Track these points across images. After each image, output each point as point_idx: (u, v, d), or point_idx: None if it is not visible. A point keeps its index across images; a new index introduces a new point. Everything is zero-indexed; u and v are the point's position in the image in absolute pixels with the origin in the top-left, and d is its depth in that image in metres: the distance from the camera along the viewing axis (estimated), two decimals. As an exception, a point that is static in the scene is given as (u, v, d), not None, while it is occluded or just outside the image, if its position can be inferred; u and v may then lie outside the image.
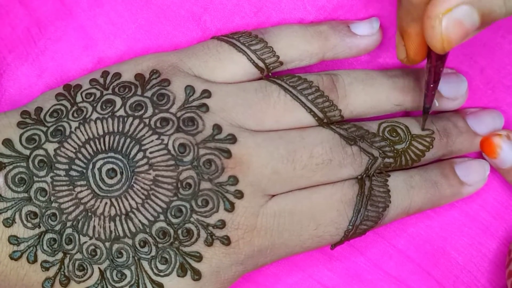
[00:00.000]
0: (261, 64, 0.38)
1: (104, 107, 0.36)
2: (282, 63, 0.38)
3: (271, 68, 0.38)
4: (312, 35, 0.38)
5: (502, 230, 0.40)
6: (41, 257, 0.34)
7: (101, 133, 0.35)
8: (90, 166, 0.35)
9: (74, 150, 0.35)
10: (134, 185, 0.35)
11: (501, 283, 0.40)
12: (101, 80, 0.37)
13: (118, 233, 0.34)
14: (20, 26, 0.40)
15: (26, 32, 0.40)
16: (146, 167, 0.35)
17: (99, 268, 0.35)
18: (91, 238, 0.34)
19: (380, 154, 0.37)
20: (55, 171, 0.35)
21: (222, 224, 0.35)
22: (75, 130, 0.35)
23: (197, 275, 0.35)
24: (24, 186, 0.35)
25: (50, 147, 0.35)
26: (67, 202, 0.35)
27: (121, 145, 0.35)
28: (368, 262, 0.40)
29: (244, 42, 0.38)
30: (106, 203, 0.35)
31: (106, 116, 0.35)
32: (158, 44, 0.40)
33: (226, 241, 0.35)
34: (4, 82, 0.39)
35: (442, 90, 0.39)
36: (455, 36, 0.31)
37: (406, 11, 0.34)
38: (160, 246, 0.35)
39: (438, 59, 0.35)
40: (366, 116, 0.39)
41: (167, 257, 0.35)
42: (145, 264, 0.35)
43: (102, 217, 0.34)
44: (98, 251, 0.34)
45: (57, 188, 0.35)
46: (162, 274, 0.35)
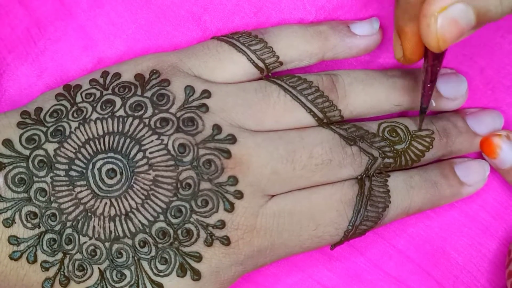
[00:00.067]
0: (261, 64, 0.38)
1: (104, 107, 0.36)
2: (282, 63, 0.38)
3: (271, 68, 0.38)
4: (312, 35, 0.38)
5: (502, 230, 0.40)
6: (41, 257, 0.34)
7: (101, 133, 0.35)
8: (90, 166, 0.35)
9: (74, 150, 0.35)
10: (134, 185, 0.35)
11: (501, 284, 0.40)
12: (101, 80, 0.37)
13: (118, 233, 0.34)
14: (20, 26, 0.40)
15: (26, 32, 0.40)
16: (146, 167, 0.35)
17: (99, 268, 0.35)
18: (91, 238, 0.34)
19: (380, 154, 0.37)
20: (55, 171, 0.35)
21: (222, 224, 0.35)
22: (75, 130, 0.35)
23: (196, 275, 0.35)
24: (24, 186, 0.35)
25: (50, 147, 0.35)
26: (67, 202, 0.35)
27: (121, 145, 0.35)
28: (368, 262, 0.40)
29: (244, 42, 0.38)
30: (106, 203, 0.35)
31: (106, 116, 0.35)
32: (158, 44, 0.40)
33: (226, 241, 0.35)
34: (4, 82, 0.39)
35: (442, 90, 0.39)
36: (451, 34, 0.31)
37: (403, 10, 0.34)
38: (159, 246, 0.35)
39: (435, 59, 0.34)
40: (366, 116, 0.39)
41: (167, 257, 0.35)
42: (144, 264, 0.35)
43: (102, 217, 0.34)
44: (98, 251, 0.34)
45: (57, 188, 0.35)
46: (161, 274, 0.35)
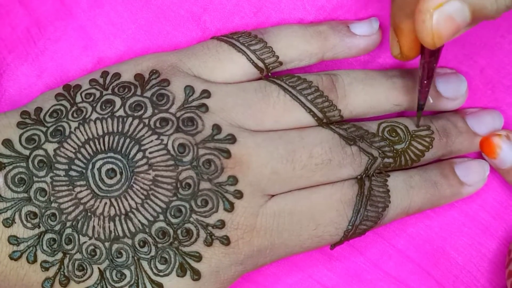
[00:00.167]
0: (260, 64, 0.38)
1: (103, 107, 0.36)
2: (281, 63, 0.38)
3: (271, 68, 0.38)
4: (311, 35, 0.38)
5: (501, 230, 0.40)
6: (40, 257, 0.34)
7: (100, 133, 0.35)
8: (90, 166, 0.35)
9: (74, 150, 0.35)
10: (134, 185, 0.35)
11: (501, 283, 0.40)
12: (100, 80, 0.37)
13: (118, 233, 0.34)
14: (20, 26, 0.40)
15: (26, 32, 0.40)
16: (146, 167, 0.35)
17: (99, 268, 0.35)
18: (91, 238, 0.34)
19: (379, 154, 0.37)
20: (55, 171, 0.35)
21: (222, 224, 0.35)
22: (75, 130, 0.35)
23: (196, 275, 0.35)
24: (23, 186, 0.35)
25: (50, 147, 0.35)
26: (67, 202, 0.35)
27: (120, 145, 0.35)
28: (367, 262, 0.40)
29: (243, 42, 0.38)
30: (106, 203, 0.35)
31: (106, 116, 0.35)
32: (157, 44, 0.40)
33: (226, 241, 0.35)
34: (3, 82, 0.39)
35: (442, 90, 0.39)
36: (446, 31, 0.31)
37: (399, 7, 0.34)
38: (159, 246, 0.35)
39: (432, 55, 0.34)
40: (366, 116, 0.39)
41: (167, 257, 0.35)
42: (144, 264, 0.35)
43: (102, 217, 0.34)
44: (98, 251, 0.34)
45: (56, 188, 0.35)
46: (161, 274, 0.35)
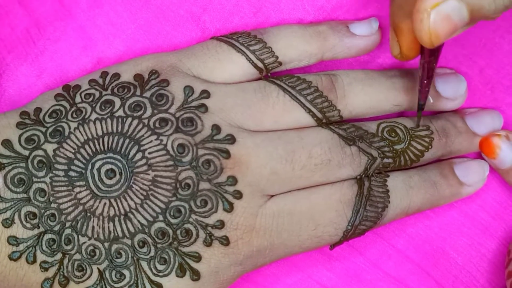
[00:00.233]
0: (260, 64, 0.38)
1: (103, 108, 0.36)
2: (281, 63, 0.38)
3: (270, 68, 0.38)
4: (311, 35, 0.38)
5: (501, 230, 0.40)
6: (40, 257, 0.34)
7: (100, 133, 0.35)
8: (89, 167, 0.35)
9: (73, 151, 0.35)
10: (133, 185, 0.35)
11: (500, 284, 0.40)
12: (100, 80, 0.37)
13: (117, 233, 0.34)
14: (19, 26, 0.40)
15: (25, 32, 0.40)
16: (145, 168, 0.35)
17: (98, 268, 0.35)
18: (90, 239, 0.34)
19: (379, 154, 0.37)
20: (54, 172, 0.35)
21: (221, 224, 0.35)
22: (74, 130, 0.35)
23: (196, 275, 0.35)
24: (23, 187, 0.35)
25: (49, 148, 0.35)
26: (66, 202, 0.35)
27: (120, 145, 0.35)
28: (367, 262, 0.40)
29: (243, 43, 0.38)
30: (105, 204, 0.35)
31: (105, 116, 0.35)
32: (157, 44, 0.40)
33: (225, 241, 0.35)
34: (3, 82, 0.39)
35: (441, 90, 0.39)
36: (443, 30, 0.31)
37: (399, 7, 0.34)
38: (159, 246, 0.35)
39: (431, 55, 0.34)
40: (365, 116, 0.39)
41: (166, 257, 0.35)
42: (144, 264, 0.35)
43: (101, 217, 0.34)
44: (97, 252, 0.34)
45: (56, 188, 0.35)
46: (161, 274, 0.35)
